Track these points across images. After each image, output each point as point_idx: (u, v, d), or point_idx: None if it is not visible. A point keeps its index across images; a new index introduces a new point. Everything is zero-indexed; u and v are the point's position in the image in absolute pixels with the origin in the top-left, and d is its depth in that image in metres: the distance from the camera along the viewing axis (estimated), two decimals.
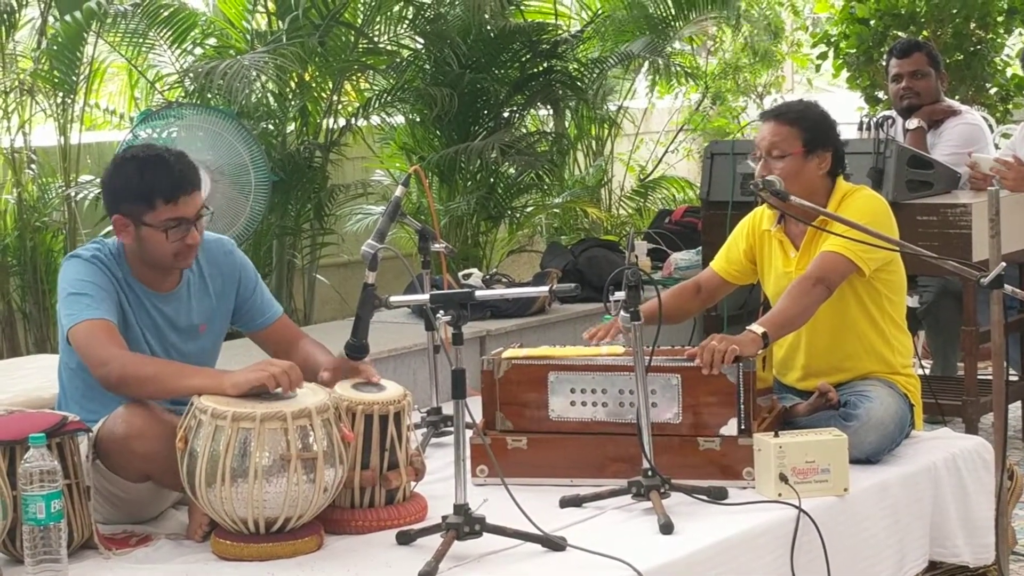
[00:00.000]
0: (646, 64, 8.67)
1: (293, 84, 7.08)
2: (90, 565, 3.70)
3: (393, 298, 3.97)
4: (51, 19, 6.84)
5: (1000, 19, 8.94)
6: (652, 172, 9.77)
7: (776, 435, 4.11)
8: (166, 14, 6.91)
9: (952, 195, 6.19)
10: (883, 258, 4.52)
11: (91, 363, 3.86)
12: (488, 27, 7.52)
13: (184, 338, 4.13)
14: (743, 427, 4.17)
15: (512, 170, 7.78)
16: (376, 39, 7.42)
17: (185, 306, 4.14)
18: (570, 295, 3.98)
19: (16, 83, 6.78)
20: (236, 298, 4.27)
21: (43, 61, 6.74)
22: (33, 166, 6.86)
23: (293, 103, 7.07)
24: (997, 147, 6.86)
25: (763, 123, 4.67)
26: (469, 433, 3.91)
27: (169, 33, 6.99)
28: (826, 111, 4.75)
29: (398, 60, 7.50)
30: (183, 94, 6.87)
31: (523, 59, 7.80)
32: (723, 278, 4.84)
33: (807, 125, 4.61)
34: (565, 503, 4.05)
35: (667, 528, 3.80)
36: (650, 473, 3.96)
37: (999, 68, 9.08)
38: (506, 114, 7.80)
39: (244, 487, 3.62)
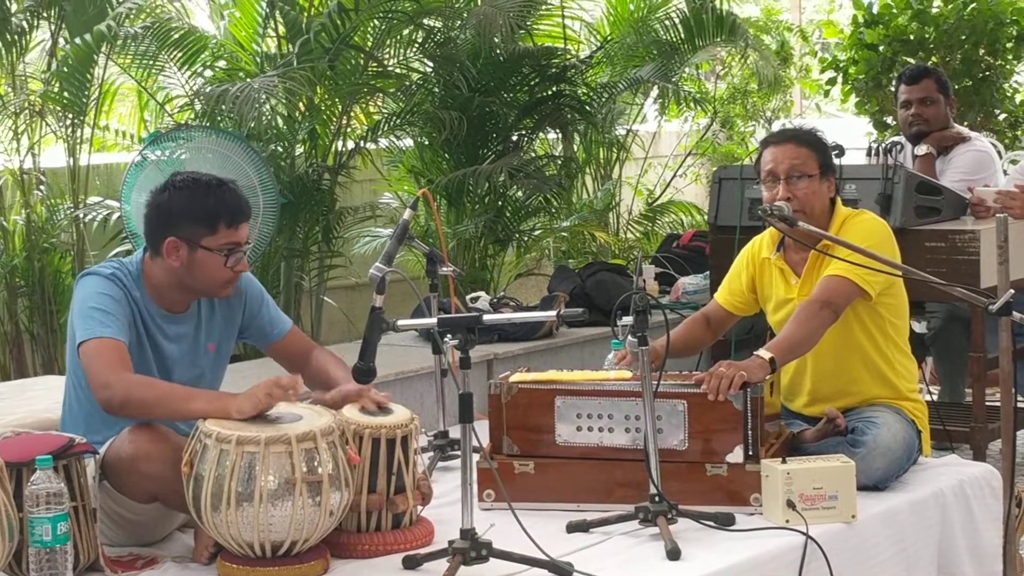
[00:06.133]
0: (655, 88, 8.68)
1: (302, 106, 7.10)
2: None
3: (401, 321, 3.97)
4: (61, 41, 6.87)
5: (1009, 45, 8.96)
6: (660, 196, 9.79)
7: (784, 461, 4.10)
8: (176, 36, 6.95)
9: (960, 221, 6.18)
10: (887, 280, 4.51)
11: (94, 383, 3.85)
12: (497, 51, 7.54)
13: (193, 358, 4.14)
14: (751, 453, 4.16)
15: (520, 193, 7.79)
16: (385, 62, 7.45)
17: (195, 327, 4.15)
18: (578, 319, 3.98)
19: (26, 104, 6.80)
20: (243, 316, 4.28)
21: (53, 83, 6.76)
22: (42, 187, 6.88)
23: (302, 125, 7.09)
24: (1006, 173, 6.86)
25: (774, 147, 4.63)
26: (476, 457, 3.91)
27: (179, 55, 7.02)
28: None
29: (407, 83, 7.53)
30: (193, 116, 6.89)
31: (532, 83, 7.82)
32: (727, 310, 4.83)
33: (821, 148, 4.63)
34: (572, 528, 4.03)
35: (674, 554, 3.79)
36: (657, 499, 3.95)
37: (1008, 94, 9.09)
38: (515, 138, 7.82)
39: (250, 511, 3.61)
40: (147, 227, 4.10)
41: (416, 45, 7.47)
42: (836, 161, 4.79)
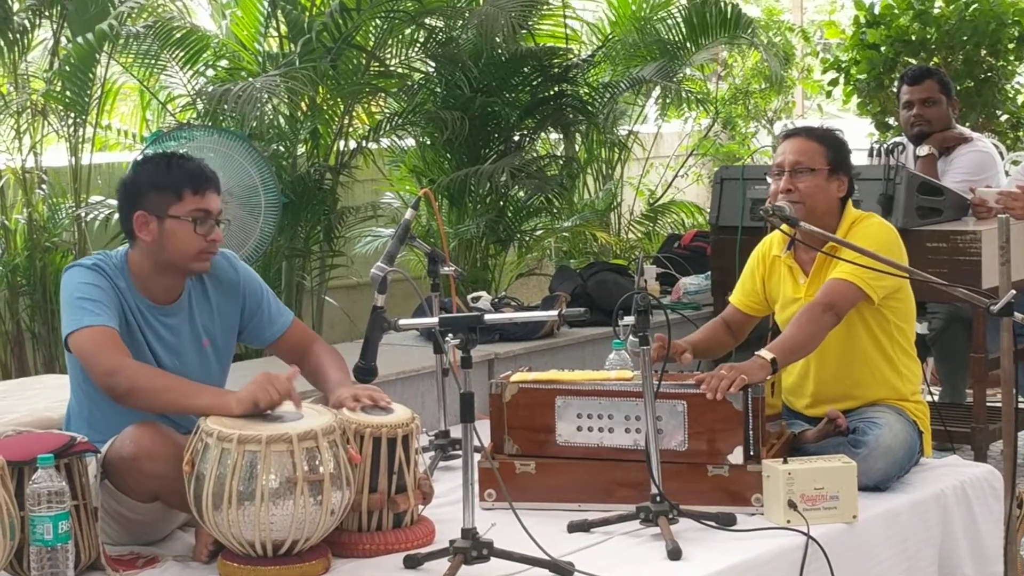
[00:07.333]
0: (657, 88, 8.69)
1: (304, 106, 7.10)
2: None
3: (402, 321, 3.97)
4: (63, 40, 6.87)
5: (1011, 46, 8.95)
6: (662, 196, 9.79)
7: (785, 461, 4.10)
8: (178, 36, 6.94)
9: (962, 222, 6.18)
10: (892, 286, 4.51)
11: (96, 372, 3.85)
12: (499, 51, 7.53)
13: (187, 352, 4.12)
14: (751, 453, 4.16)
15: (522, 193, 7.79)
16: (388, 62, 7.44)
17: (187, 319, 4.13)
18: (579, 319, 3.98)
19: (28, 103, 6.80)
20: (241, 314, 4.26)
21: (55, 82, 6.76)
22: (44, 186, 6.88)
23: (304, 125, 7.09)
24: (1007, 174, 6.86)
25: (787, 140, 4.67)
26: (477, 457, 3.91)
27: (181, 54, 7.02)
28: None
29: (409, 83, 7.53)
30: (195, 116, 6.89)
31: (534, 83, 7.82)
32: (743, 312, 4.83)
33: (834, 145, 4.64)
34: (573, 528, 4.04)
35: (675, 554, 3.79)
36: (658, 498, 3.95)
37: (1010, 95, 9.08)
38: (516, 138, 7.82)
39: (251, 509, 3.61)
40: (119, 209, 4.15)
41: (418, 45, 7.47)
42: None
